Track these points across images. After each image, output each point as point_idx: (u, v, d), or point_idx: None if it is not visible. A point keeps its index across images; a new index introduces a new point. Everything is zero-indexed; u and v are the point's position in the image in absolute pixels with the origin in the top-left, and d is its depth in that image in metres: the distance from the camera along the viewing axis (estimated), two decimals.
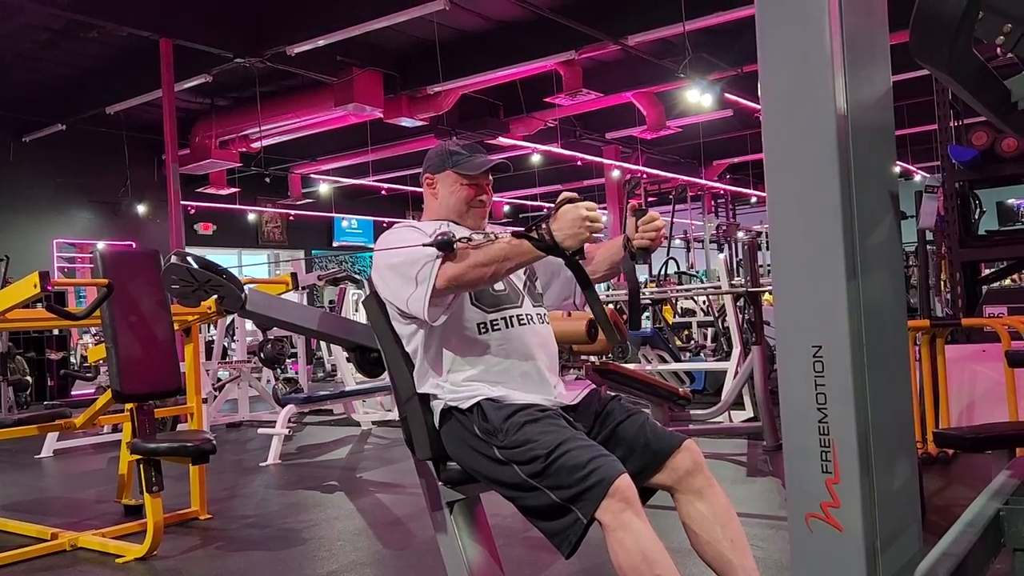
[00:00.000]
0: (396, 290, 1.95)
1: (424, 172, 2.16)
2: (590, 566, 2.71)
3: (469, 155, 2.11)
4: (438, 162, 2.13)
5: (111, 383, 3.47)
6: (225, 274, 2.19)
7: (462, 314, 1.98)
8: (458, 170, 2.10)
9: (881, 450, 1.42)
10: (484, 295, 2.00)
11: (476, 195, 2.11)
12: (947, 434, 2.60)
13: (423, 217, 2.19)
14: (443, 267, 1.88)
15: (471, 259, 1.87)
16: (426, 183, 2.16)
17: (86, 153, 12.73)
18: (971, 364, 4.16)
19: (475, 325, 1.98)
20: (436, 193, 2.14)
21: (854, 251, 1.41)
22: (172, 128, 9.14)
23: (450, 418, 1.97)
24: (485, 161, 2.13)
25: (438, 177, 2.13)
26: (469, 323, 1.98)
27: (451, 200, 2.11)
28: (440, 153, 2.14)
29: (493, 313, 2.00)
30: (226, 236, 16.40)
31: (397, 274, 1.94)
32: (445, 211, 2.12)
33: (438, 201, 2.14)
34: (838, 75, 1.40)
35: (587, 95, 10.13)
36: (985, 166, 4.64)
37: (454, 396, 1.95)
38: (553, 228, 1.78)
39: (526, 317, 2.03)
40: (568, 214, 1.78)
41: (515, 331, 2.00)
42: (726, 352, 6.96)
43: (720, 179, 17.06)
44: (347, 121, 11.25)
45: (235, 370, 7.54)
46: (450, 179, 2.11)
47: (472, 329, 1.98)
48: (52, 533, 3.50)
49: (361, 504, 4.04)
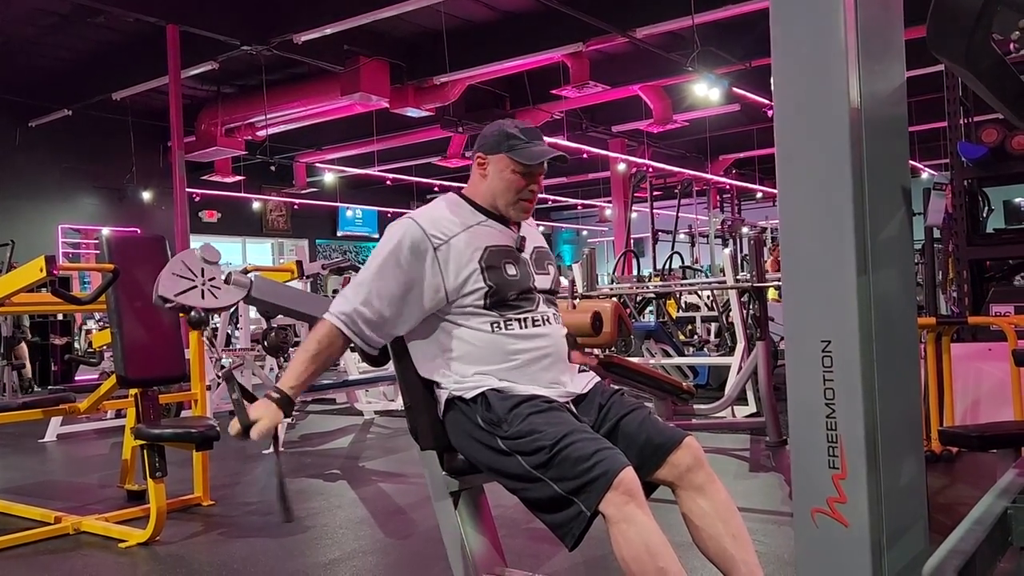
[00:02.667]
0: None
1: (476, 149, 2.06)
2: (592, 558, 2.71)
3: (527, 142, 2.00)
4: (493, 142, 2.02)
5: (115, 368, 3.48)
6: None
7: (475, 313, 1.95)
8: (513, 155, 1.99)
9: (888, 447, 1.41)
10: (499, 295, 1.95)
11: (526, 185, 2.02)
12: (952, 432, 2.59)
13: (466, 191, 2.09)
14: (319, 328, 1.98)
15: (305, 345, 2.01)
16: (477, 161, 2.05)
17: (92, 139, 12.74)
18: (977, 363, 4.14)
19: (489, 324, 1.95)
20: (486, 174, 2.04)
21: (865, 246, 1.40)
22: (178, 115, 9.14)
23: (454, 408, 1.96)
24: (543, 151, 2.01)
25: (490, 158, 2.02)
26: (483, 323, 1.95)
27: (499, 185, 2.02)
28: (497, 133, 2.03)
29: (508, 313, 1.96)
30: (231, 224, 16.42)
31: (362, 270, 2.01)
32: (491, 195, 2.03)
33: (486, 183, 2.04)
34: (852, 69, 1.39)
35: (594, 87, 10.10)
36: (995, 164, 4.61)
37: (459, 386, 1.95)
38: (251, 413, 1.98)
39: (541, 318, 2.00)
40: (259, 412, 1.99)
41: (528, 331, 1.97)
42: (730, 347, 6.95)
43: (726, 174, 17.02)
44: (353, 110, 11.24)
45: (239, 358, 7.54)
46: (503, 163, 2.01)
47: (486, 328, 1.95)
48: (56, 517, 3.51)
49: (363, 493, 4.04)
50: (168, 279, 2.43)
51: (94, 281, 10.76)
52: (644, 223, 14.26)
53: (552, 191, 19.12)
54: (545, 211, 22.85)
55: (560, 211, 23.10)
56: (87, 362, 6.70)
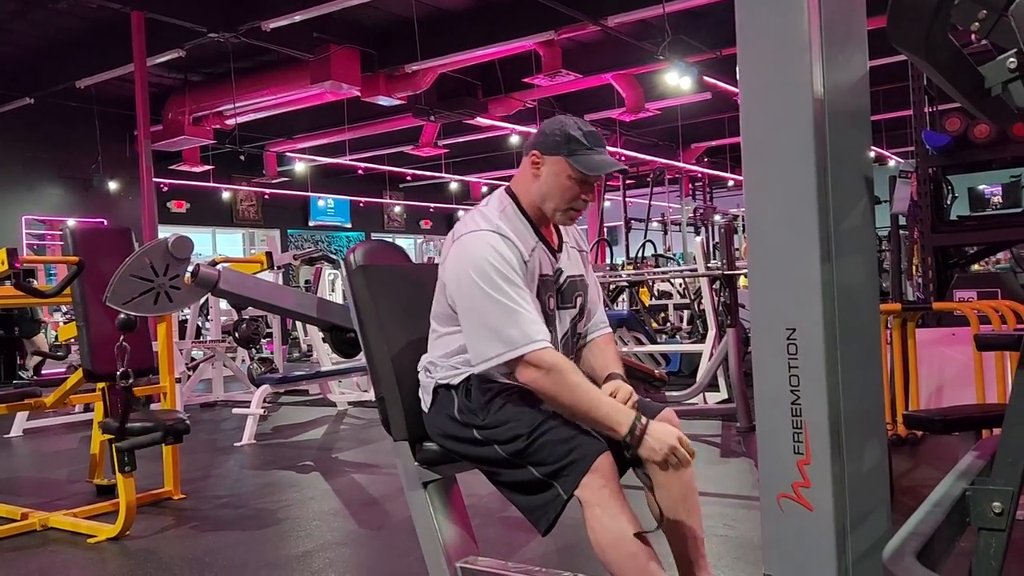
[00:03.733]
0: (474, 328, 1.82)
1: (533, 146, 1.93)
2: (564, 545, 2.73)
3: (589, 148, 1.89)
4: (553, 143, 1.90)
5: (82, 362, 3.43)
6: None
7: None
8: (573, 161, 1.87)
9: (852, 432, 1.44)
10: None
11: (580, 194, 1.92)
12: (916, 416, 2.63)
13: (514, 186, 1.98)
14: (536, 372, 1.76)
15: (562, 392, 1.76)
16: (532, 158, 1.93)
17: (56, 128, 12.49)
18: (941, 347, 4.22)
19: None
20: (539, 174, 1.92)
21: (829, 235, 1.42)
22: (144, 104, 8.99)
23: (438, 397, 1.95)
24: (605, 162, 1.91)
25: (547, 159, 1.90)
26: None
27: (552, 190, 1.91)
28: (558, 134, 1.90)
29: None
30: (200, 214, 16.21)
31: (485, 318, 1.79)
32: (539, 197, 1.93)
33: (537, 183, 1.92)
34: (816, 60, 1.40)
35: (566, 76, 10.08)
36: (958, 152, 4.69)
37: (446, 375, 1.94)
38: (648, 431, 1.72)
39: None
40: (665, 433, 1.72)
41: None
42: (702, 334, 7.02)
43: (698, 162, 17.11)
44: (323, 99, 11.11)
45: (209, 350, 7.48)
46: (559, 166, 1.89)
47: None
48: (22, 513, 3.46)
49: (336, 484, 4.03)
50: (123, 282, 2.37)
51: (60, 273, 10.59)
52: (617, 211, 14.31)
53: None
54: None
55: None
56: (53, 356, 6.60)
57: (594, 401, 1.77)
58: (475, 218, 1.92)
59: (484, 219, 1.91)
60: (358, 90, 10.23)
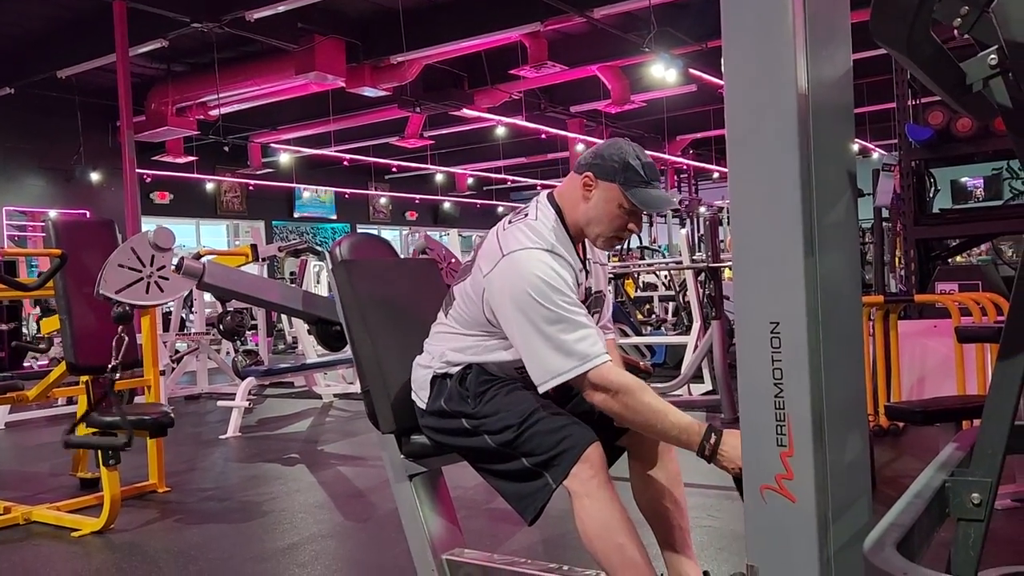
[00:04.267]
0: (535, 345, 1.75)
1: (588, 167, 1.87)
2: (550, 536, 2.74)
3: (646, 180, 1.84)
4: (610, 170, 1.83)
5: (65, 355, 3.41)
6: None
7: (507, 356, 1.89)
8: (629, 194, 1.82)
9: (834, 424, 1.46)
10: None
11: (627, 223, 1.88)
12: (898, 408, 2.67)
13: (560, 200, 1.91)
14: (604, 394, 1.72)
15: (640, 409, 1.72)
16: (584, 180, 1.86)
17: (37, 118, 12.35)
18: (923, 339, 4.27)
19: (513, 370, 1.90)
20: (589, 197, 1.86)
21: (812, 229, 1.43)
22: (127, 94, 8.90)
23: (434, 388, 1.94)
24: (661, 199, 1.87)
25: (601, 184, 1.84)
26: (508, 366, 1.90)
27: (601, 215, 1.86)
28: (616, 160, 1.84)
29: None
30: (183, 206, 16.09)
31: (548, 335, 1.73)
32: (584, 220, 1.87)
33: (585, 205, 1.87)
34: (800, 53, 1.41)
35: (552, 68, 10.07)
36: (941, 146, 4.73)
37: (445, 365, 1.93)
38: (722, 447, 1.68)
39: None
40: (736, 446, 1.67)
41: None
42: (687, 326, 7.05)
43: (683, 154, 17.15)
44: (308, 90, 11.05)
45: (193, 342, 7.44)
46: (612, 194, 1.84)
47: (508, 367, 1.90)
48: (5, 507, 3.44)
49: (322, 476, 4.03)
50: (113, 271, 2.37)
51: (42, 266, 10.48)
52: None
53: (511, 171, 19.07)
54: (503, 191, 22.81)
55: (519, 191, 23.07)
56: (35, 349, 6.54)
57: (664, 421, 1.72)
58: (526, 233, 1.85)
59: (537, 235, 1.84)
60: (343, 81, 10.17)
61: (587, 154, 1.91)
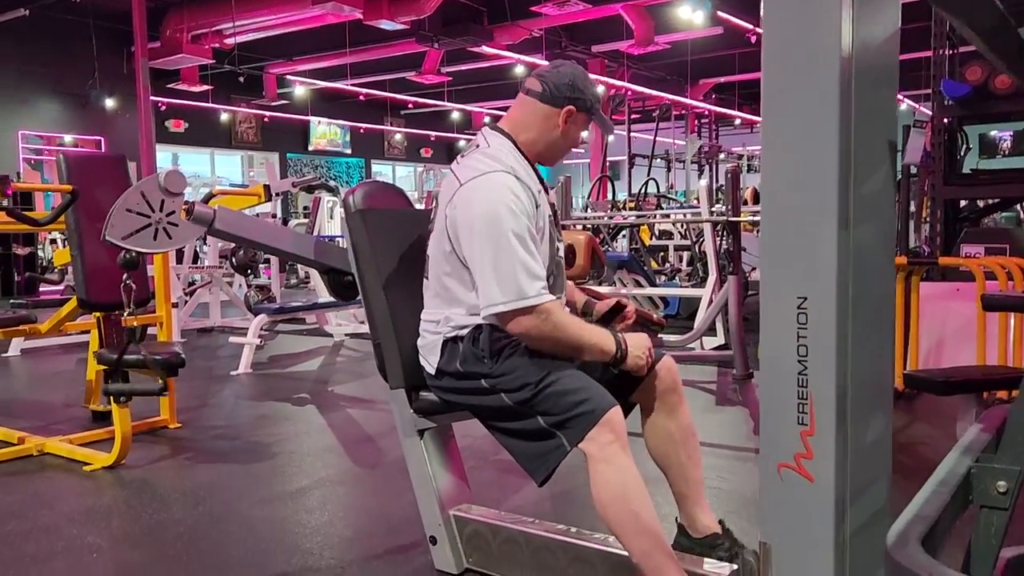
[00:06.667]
0: (482, 272, 1.77)
1: (569, 100, 1.89)
2: (558, 492, 2.74)
3: (599, 107, 1.96)
4: (590, 102, 1.91)
5: (76, 292, 3.40)
6: None
7: None
8: (597, 121, 1.96)
9: (858, 404, 1.41)
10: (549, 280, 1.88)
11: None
12: (918, 376, 2.62)
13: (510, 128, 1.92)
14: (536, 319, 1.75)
15: (556, 332, 1.77)
16: (565, 114, 1.89)
17: (52, 41, 12.19)
18: (944, 302, 4.19)
19: None
20: (564, 129, 1.91)
21: (848, 201, 1.36)
22: (141, 19, 8.75)
23: (445, 352, 1.91)
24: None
25: (580, 116, 1.92)
26: None
27: (566, 144, 1.95)
28: (592, 93, 1.92)
29: None
30: (198, 135, 15.99)
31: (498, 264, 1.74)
32: (543, 145, 1.93)
33: (555, 134, 1.91)
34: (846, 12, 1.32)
35: (575, 5, 9.81)
36: (976, 102, 4.56)
37: (452, 329, 1.90)
38: (629, 345, 1.82)
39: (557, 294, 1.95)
40: (640, 339, 1.84)
41: None
42: (702, 278, 6.98)
43: (705, 99, 16.80)
44: (325, 20, 10.82)
45: (207, 275, 7.44)
46: (582, 123, 1.94)
47: None
48: (19, 437, 3.48)
49: (332, 419, 4.05)
50: (121, 216, 2.32)
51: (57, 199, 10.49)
52: (621, 146, 14.10)
53: None
54: None
55: None
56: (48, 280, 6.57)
57: (583, 330, 1.82)
58: (483, 160, 1.86)
59: (495, 160, 1.85)
60: (360, 12, 9.96)
61: (558, 84, 1.90)
